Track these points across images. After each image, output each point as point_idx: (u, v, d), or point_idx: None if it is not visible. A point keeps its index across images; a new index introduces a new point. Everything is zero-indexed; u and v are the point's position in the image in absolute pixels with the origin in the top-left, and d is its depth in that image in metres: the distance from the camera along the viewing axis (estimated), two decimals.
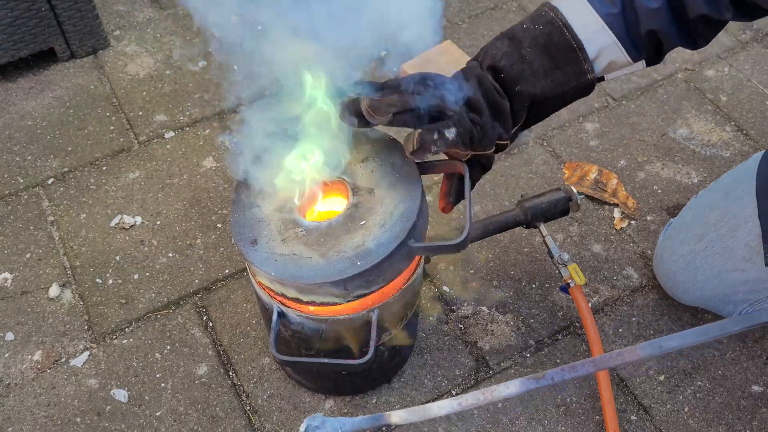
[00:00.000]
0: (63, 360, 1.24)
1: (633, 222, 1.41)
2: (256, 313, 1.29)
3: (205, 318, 1.29)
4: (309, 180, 0.95)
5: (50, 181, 1.49)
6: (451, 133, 0.86)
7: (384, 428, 1.16)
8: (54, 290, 1.32)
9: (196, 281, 1.33)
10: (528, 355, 1.25)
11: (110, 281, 1.33)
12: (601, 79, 0.96)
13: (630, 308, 1.30)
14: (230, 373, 1.23)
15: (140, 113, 1.60)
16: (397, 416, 0.78)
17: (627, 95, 1.62)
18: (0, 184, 1.48)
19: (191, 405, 1.19)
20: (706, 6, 0.89)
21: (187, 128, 1.57)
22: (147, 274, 1.34)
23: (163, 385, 1.21)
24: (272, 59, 0.86)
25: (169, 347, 1.25)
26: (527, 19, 0.93)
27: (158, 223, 1.41)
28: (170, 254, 1.37)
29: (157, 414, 1.18)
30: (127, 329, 1.28)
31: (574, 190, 1.21)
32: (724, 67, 1.67)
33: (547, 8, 0.92)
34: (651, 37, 0.92)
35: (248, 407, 1.19)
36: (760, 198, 1.11)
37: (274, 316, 0.95)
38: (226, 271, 1.35)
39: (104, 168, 1.51)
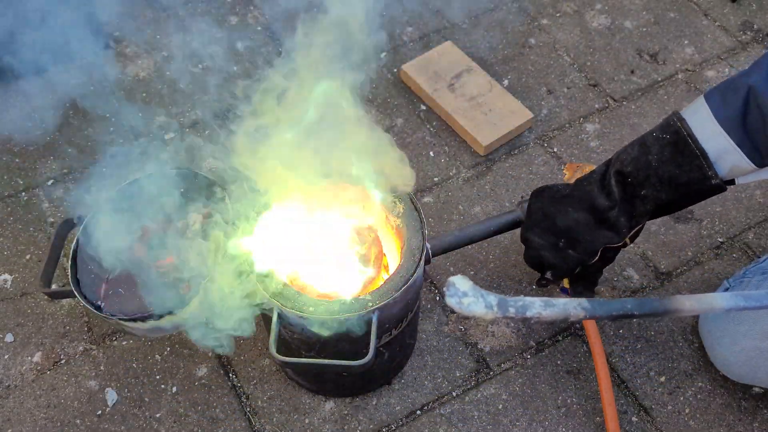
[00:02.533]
0: (63, 361, 1.24)
1: None
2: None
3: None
4: None
5: (50, 182, 1.48)
6: (548, 275, 1.09)
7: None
8: None
9: None
10: (528, 357, 1.24)
11: None
12: (732, 182, 0.97)
13: None
14: (230, 375, 1.23)
15: (139, 114, 1.60)
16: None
17: (627, 96, 1.62)
18: None
19: (191, 406, 1.19)
20: None
21: (187, 129, 1.57)
22: None
23: (163, 386, 1.21)
24: None
25: (168, 348, 1.25)
26: (657, 128, 0.99)
27: None
28: None
29: (157, 416, 1.18)
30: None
31: None
32: (725, 67, 1.67)
33: (675, 118, 0.97)
34: None
35: (248, 409, 1.19)
36: None
37: (275, 318, 0.95)
38: None
39: (104, 169, 1.50)
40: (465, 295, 0.80)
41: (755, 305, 0.84)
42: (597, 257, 1.04)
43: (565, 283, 1.15)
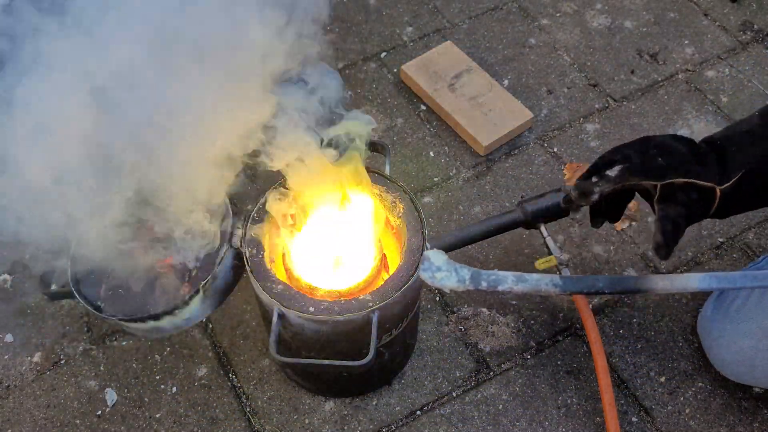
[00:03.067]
0: (63, 362, 1.24)
1: (634, 223, 1.41)
2: (256, 315, 1.28)
3: (204, 319, 1.28)
4: None
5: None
6: (613, 171, 0.96)
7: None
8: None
9: None
10: (528, 357, 1.24)
11: None
12: None
13: (630, 309, 1.29)
14: (230, 375, 1.22)
15: None
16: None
17: (627, 96, 1.62)
18: None
19: (191, 407, 1.19)
20: None
21: None
22: None
23: (162, 386, 1.21)
24: None
25: (168, 349, 1.25)
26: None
27: None
28: None
29: (157, 416, 1.18)
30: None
31: None
32: (725, 67, 1.67)
33: None
34: None
35: (248, 409, 1.19)
36: None
37: (275, 318, 0.95)
38: None
39: None
40: (438, 269, 0.83)
41: (728, 286, 0.83)
42: (676, 183, 0.92)
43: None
